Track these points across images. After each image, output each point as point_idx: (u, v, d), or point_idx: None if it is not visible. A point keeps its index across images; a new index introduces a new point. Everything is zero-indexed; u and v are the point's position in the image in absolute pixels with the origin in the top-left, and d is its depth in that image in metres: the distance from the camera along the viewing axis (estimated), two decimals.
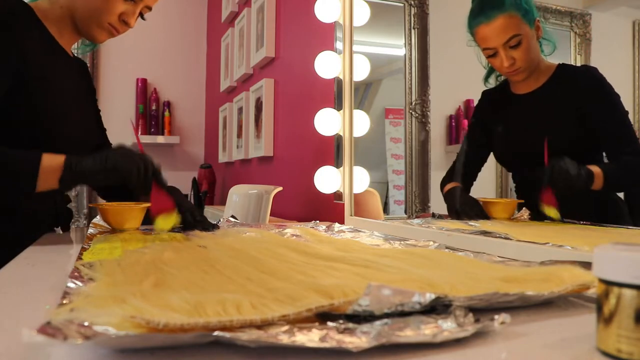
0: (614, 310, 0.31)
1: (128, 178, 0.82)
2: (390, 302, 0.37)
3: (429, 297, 0.38)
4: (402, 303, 0.37)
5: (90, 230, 0.94)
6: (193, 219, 0.96)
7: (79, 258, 0.66)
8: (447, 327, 0.35)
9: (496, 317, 0.36)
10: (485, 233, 0.81)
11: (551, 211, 0.84)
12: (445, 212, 1.11)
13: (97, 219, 1.05)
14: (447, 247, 0.74)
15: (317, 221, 1.12)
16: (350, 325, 0.36)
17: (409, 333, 0.34)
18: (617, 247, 0.32)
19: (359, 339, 0.32)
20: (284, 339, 0.32)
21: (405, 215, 1.23)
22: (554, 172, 0.82)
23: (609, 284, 0.32)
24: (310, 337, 0.33)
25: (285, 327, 0.35)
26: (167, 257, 0.63)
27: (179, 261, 0.60)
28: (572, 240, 0.68)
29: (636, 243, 0.33)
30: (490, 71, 1.03)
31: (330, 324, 0.36)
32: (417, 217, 1.20)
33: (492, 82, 1.04)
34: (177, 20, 3.23)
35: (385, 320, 0.36)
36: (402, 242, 0.81)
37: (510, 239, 0.74)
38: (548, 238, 0.70)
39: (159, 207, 0.85)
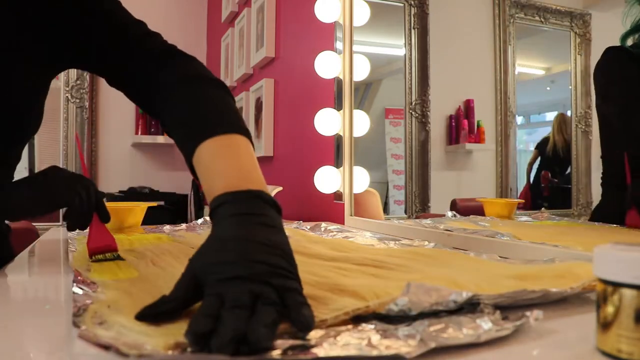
0: (614, 310, 0.31)
1: (68, 209, 0.66)
2: (427, 302, 0.37)
3: (466, 295, 0.38)
4: (437, 302, 0.37)
5: None
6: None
7: (77, 256, 0.66)
8: (486, 326, 0.35)
9: (528, 313, 0.36)
10: (485, 233, 0.81)
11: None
12: (442, 212, 1.11)
13: None
14: (444, 247, 0.74)
15: (301, 221, 1.13)
16: (385, 326, 0.35)
17: (454, 334, 0.33)
18: (617, 247, 0.32)
19: (405, 343, 0.32)
20: (334, 351, 0.31)
21: (405, 215, 1.23)
22: None
23: (609, 284, 0.32)
24: (358, 344, 0.32)
25: (322, 332, 0.34)
26: (165, 262, 0.63)
27: (178, 265, 0.60)
28: (572, 241, 0.68)
29: (636, 243, 0.33)
30: (634, 31, 0.83)
31: (365, 325, 0.36)
32: (417, 217, 1.20)
33: (628, 43, 0.85)
34: (177, 20, 3.23)
35: (420, 320, 0.36)
36: (396, 242, 0.81)
37: (511, 239, 0.74)
38: (548, 238, 0.70)
39: (99, 244, 0.67)
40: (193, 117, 0.59)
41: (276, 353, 0.30)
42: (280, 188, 1.53)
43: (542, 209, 0.96)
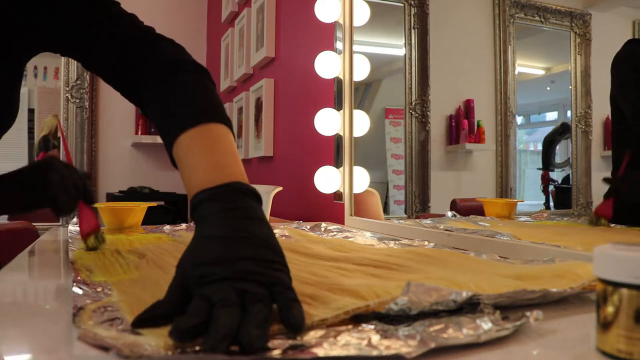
0: (614, 310, 0.31)
1: (57, 205, 0.69)
2: (427, 301, 0.37)
3: (466, 295, 0.38)
4: (437, 302, 0.37)
5: None
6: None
7: (76, 258, 0.66)
8: (486, 326, 0.35)
9: (528, 313, 0.36)
10: (485, 233, 0.81)
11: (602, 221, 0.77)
12: (442, 212, 1.11)
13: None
14: (444, 247, 0.74)
15: (301, 221, 1.13)
16: (385, 326, 0.35)
17: (454, 334, 0.33)
18: (617, 247, 0.32)
19: (405, 343, 0.32)
20: (334, 351, 0.31)
21: (405, 215, 1.23)
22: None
23: (609, 284, 0.32)
24: (358, 344, 0.32)
25: (322, 332, 0.34)
26: (165, 262, 0.63)
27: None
28: (572, 241, 0.68)
29: (636, 243, 0.33)
30: None
31: (365, 325, 0.36)
32: (417, 217, 1.20)
33: None
34: (177, 20, 3.23)
35: (420, 320, 0.36)
36: (396, 242, 0.81)
37: (511, 239, 0.74)
38: (548, 238, 0.70)
39: (89, 227, 0.73)
40: (168, 109, 0.57)
41: (276, 353, 0.30)
42: (280, 188, 1.53)
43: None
